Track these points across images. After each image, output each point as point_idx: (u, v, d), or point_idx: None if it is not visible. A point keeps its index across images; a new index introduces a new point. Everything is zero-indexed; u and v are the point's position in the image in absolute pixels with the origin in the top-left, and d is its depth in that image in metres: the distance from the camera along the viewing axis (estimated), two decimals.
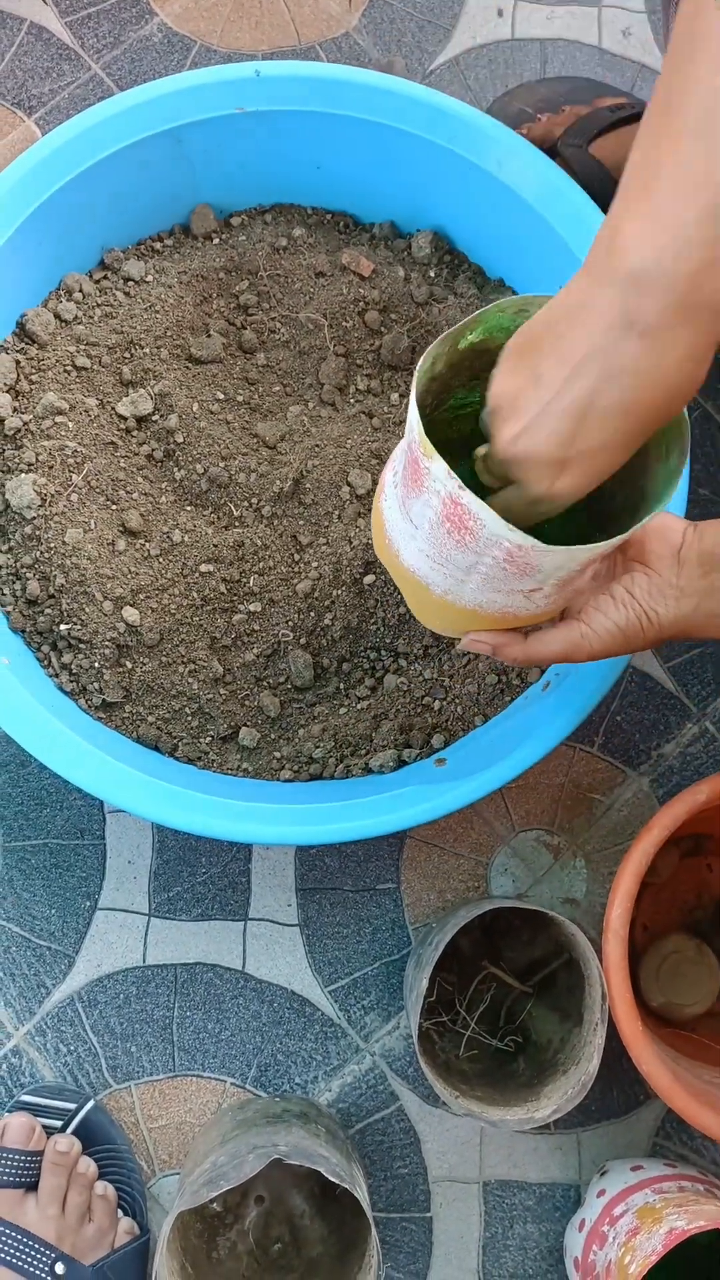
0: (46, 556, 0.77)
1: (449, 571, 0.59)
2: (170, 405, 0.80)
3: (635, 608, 0.60)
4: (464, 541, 0.56)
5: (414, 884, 0.86)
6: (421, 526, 0.58)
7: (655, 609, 0.60)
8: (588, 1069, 0.71)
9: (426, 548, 0.59)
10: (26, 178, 0.78)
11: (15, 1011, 0.84)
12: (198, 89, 0.78)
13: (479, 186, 0.79)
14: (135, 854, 0.86)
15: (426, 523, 0.57)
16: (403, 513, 0.59)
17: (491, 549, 0.55)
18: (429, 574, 0.60)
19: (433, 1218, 0.83)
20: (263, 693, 0.79)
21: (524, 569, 0.56)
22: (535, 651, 0.62)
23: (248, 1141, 0.70)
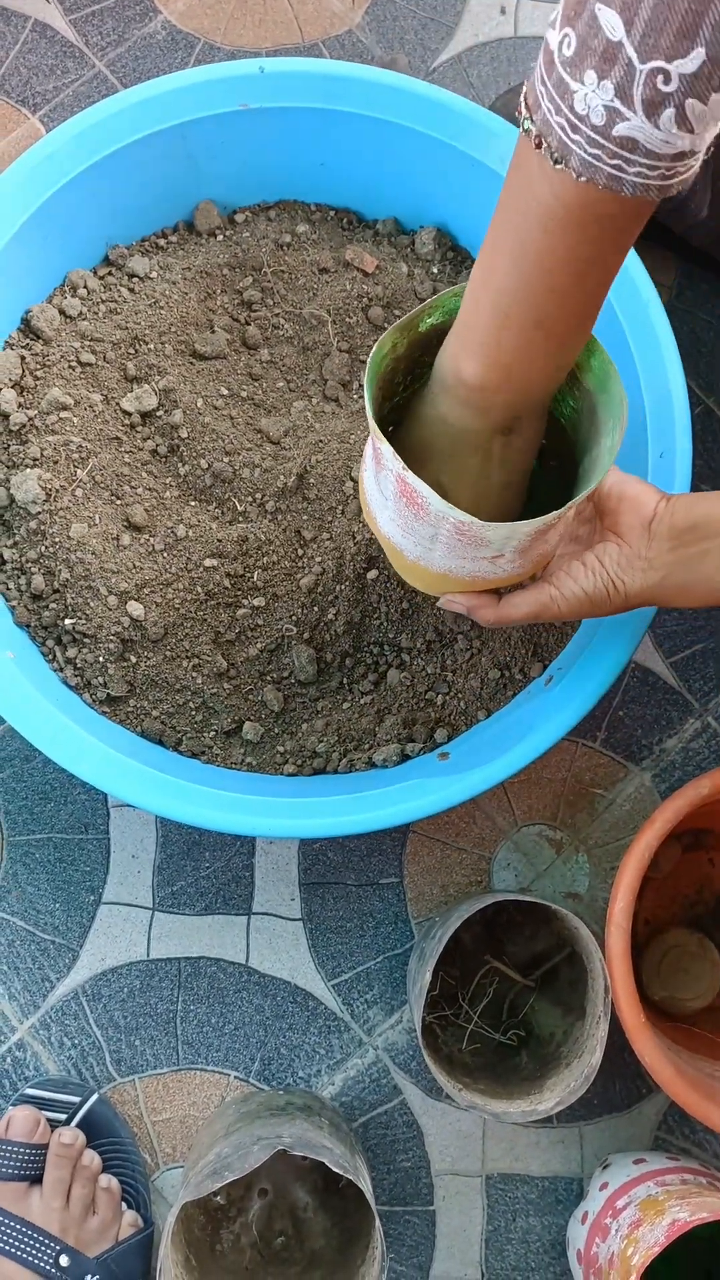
0: (51, 551, 0.77)
1: (417, 540, 0.62)
2: (174, 401, 0.80)
3: (604, 575, 0.63)
4: (419, 515, 0.59)
5: (416, 878, 0.87)
6: (389, 498, 0.61)
7: (623, 578, 0.62)
8: (590, 1061, 0.71)
9: (395, 517, 0.62)
10: (31, 174, 0.78)
11: (20, 1005, 0.84)
12: (202, 86, 0.79)
13: (482, 183, 0.80)
14: (139, 848, 0.86)
15: (391, 495, 0.60)
16: (376, 484, 0.63)
17: (442, 522, 0.58)
18: (401, 540, 0.63)
19: (435, 1211, 0.83)
20: (266, 687, 0.79)
21: (475, 541, 0.59)
22: (506, 613, 0.65)
23: (252, 1133, 0.71)
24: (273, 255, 0.85)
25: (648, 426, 0.76)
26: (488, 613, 0.65)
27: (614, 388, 0.60)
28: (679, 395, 0.76)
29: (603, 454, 0.60)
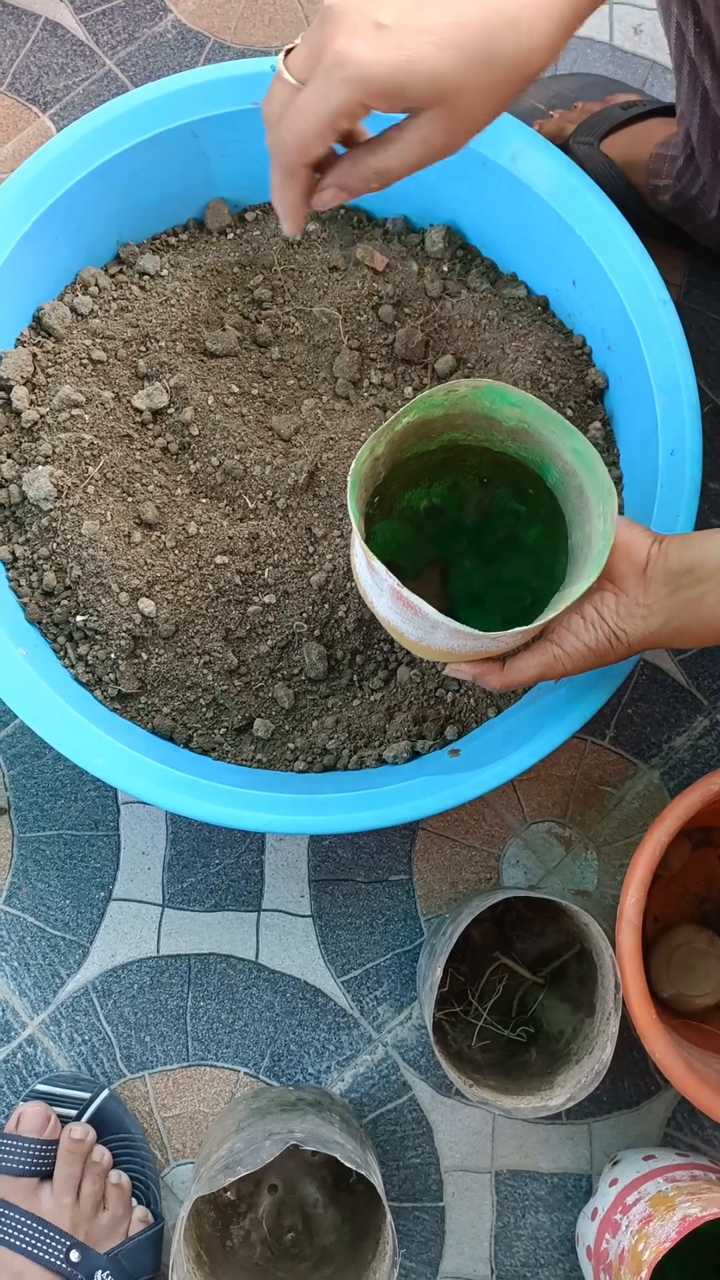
0: (63, 548, 0.77)
1: (416, 627, 0.62)
2: (185, 398, 0.81)
3: (605, 628, 0.62)
4: (415, 619, 0.61)
5: (426, 875, 0.87)
6: (384, 593, 0.62)
7: (624, 628, 0.62)
8: (601, 1058, 0.71)
9: (392, 609, 0.63)
10: (43, 173, 0.78)
11: (30, 1001, 0.84)
12: (213, 84, 0.79)
13: (492, 181, 0.80)
14: (149, 845, 0.86)
15: (386, 594, 0.61)
16: (370, 578, 0.63)
17: (440, 626, 0.59)
18: (400, 625, 0.64)
19: (445, 1207, 0.83)
20: (277, 684, 0.80)
21: (471, 638, 0.60)
22: (512, 678, 0.65)
23: (263, 1128, 0.71)
24: (282, 254, 0.85)
25: (658, 425, 0.76)
26: (494, 679, 0.66)
27: (599, 475, 0.61)
28: (689, 393, 0.76)
29: (596, 539, 0.61)
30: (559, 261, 0.81)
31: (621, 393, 0.81)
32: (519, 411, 0.63)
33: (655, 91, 0.99)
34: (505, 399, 0.63)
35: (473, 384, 0.61)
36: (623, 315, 0.78)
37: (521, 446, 0.67)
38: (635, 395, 0.79)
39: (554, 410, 0.61)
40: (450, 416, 0.66)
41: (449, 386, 0.62)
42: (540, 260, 0.83)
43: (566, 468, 0.64)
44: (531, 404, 0.62)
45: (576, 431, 0.61)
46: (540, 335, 0.82)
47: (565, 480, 0.65)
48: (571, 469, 0.64)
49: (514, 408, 0.63)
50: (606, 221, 0.78)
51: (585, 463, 0.62)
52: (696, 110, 0.73)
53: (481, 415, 0.65)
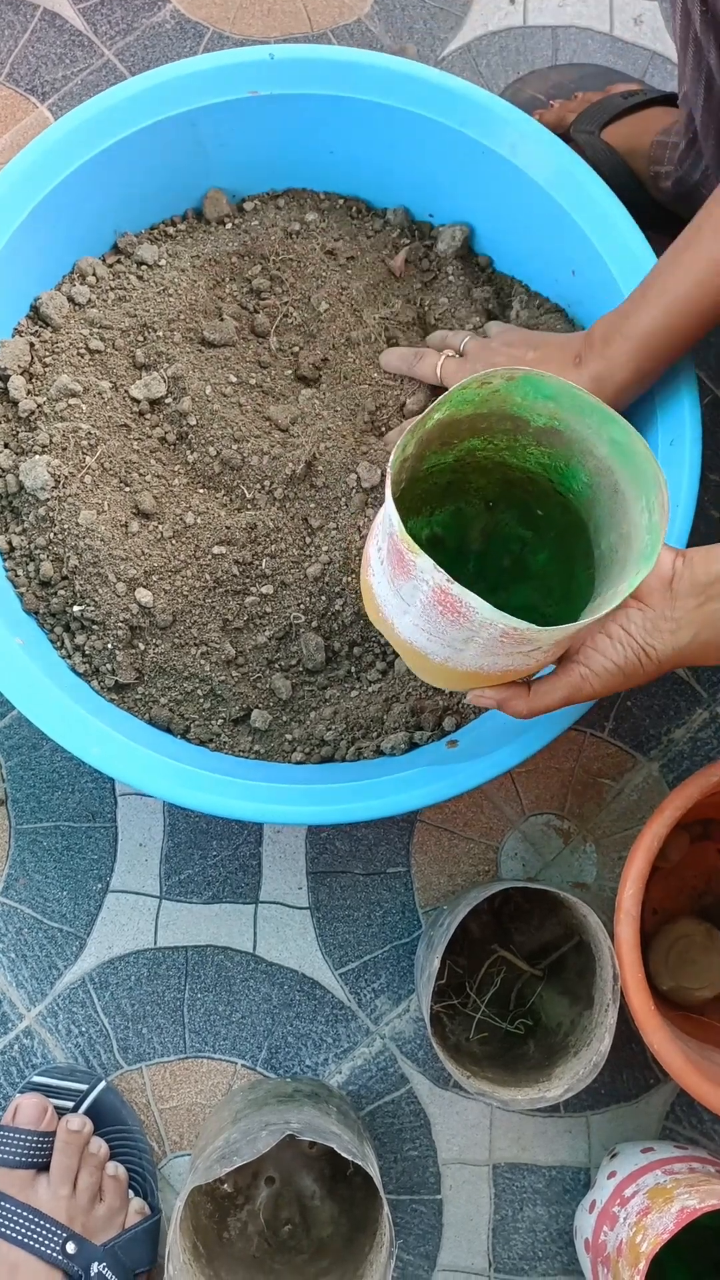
0: (60, 538, 0.77)
1: (446, 642, 0.59)
2: (183, 388, 0.80)
3: (633, 645, 0.61)
4: (458, 622, 0.56)
5: (424, 868, 0.87)
6: (414, 605, 0.58)
7: (652, 644, 0.60)
8: (599, 1049, 0.71)
9: (421, 623, 0.59)
10: (40, 161, 0.78)
11: (27, 993, 0.84)
12: (212, 72, 0.79)
13: (492, 170, 0.79)
14: (146, 837, 0.86)
15: (419, 603, 0.58)
16: (393, 590, 0.60)
17: (486, 628, 0.56)
18: (426, 644, 0.61)
19: (443, 1200, 0.83)
20: (274, 675, 0.79)
21: (520, 641, 0.57)
22: (539, 703, 0.63)
23: (260, 1119, 0.71)
24: (281, 243, 0.85)
25: (657, 415, 0.76)
26: (519, 704, 0.63)
27: (643, 461, 0.57)
28: (688, 384, 0.76)
29: (640, 533, 0.57)
30: (558, 251, 0.81)
31: None
32: (553, 406, 0.60)
33: (655, 82, 0.98)
34: (541, 389, 0.59)
35: (508, 373, 0.58)
36: None
37: (546, 452, 0.64)
38: None
39: (592, 398, 0.58)
40: (477, 417, 0.62)
41: (483, 377, 0.58)
42: (539, 249, 0.82)
43: (599, 466, 0.61)
44: (569, 394, 0.59)
45: (619, 419, 0.57)
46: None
47: (597, 481, 0.62)
48: (605, 467, 0.61)
49: (548, 401, 0.60)
50: (607, 210, 0.78)
51: (625, 454, 0.59)
52: (700, 91, 0.72)
53: (509, 414, 0.62)
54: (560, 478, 0.65)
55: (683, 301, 0.68)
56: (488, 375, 0.58)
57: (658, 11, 1.00)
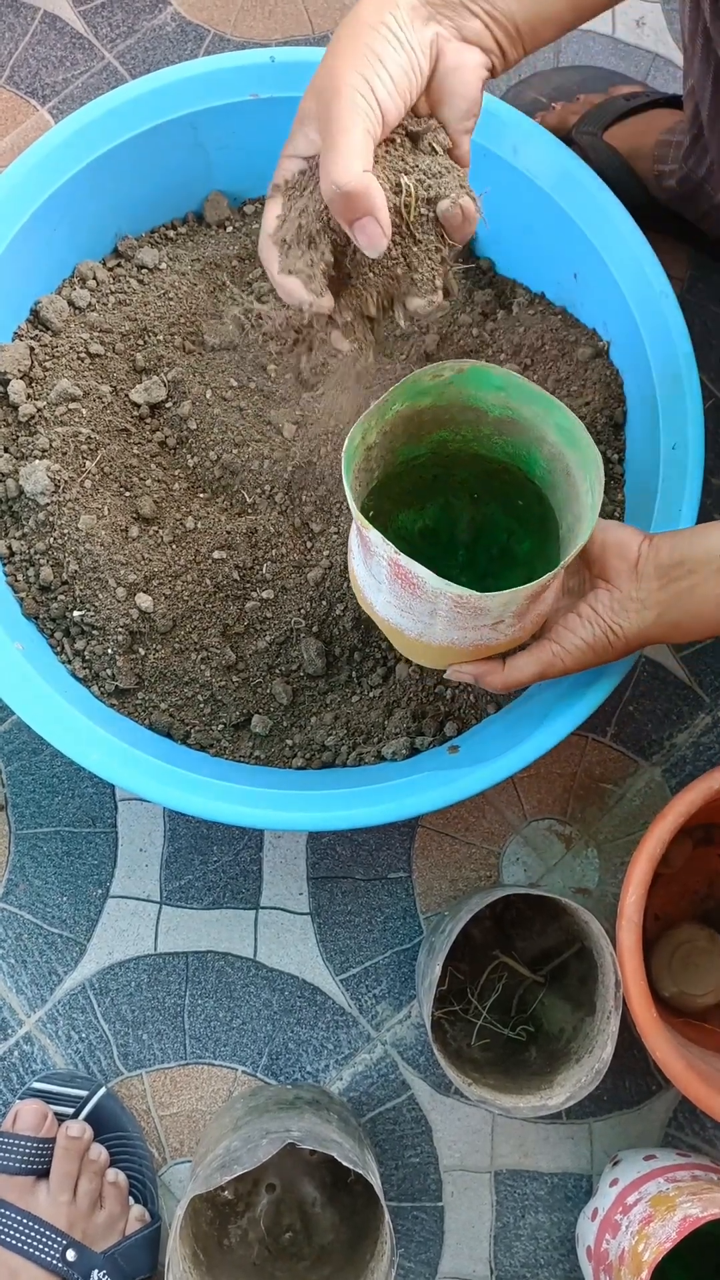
0: (60, 543, 0.77)
1: (416, 617, 0.62)
2: (183, 392, 0.80)
3: (600, 624, 0.64)
4: (415, 593, 0.59)
5: (425, 873, 0.86)
6: (382, 581, 0.61)
7: (619, 623, 0.64)
8: (601, 1056, 0.71)
9: (391, 598, 0.62)
10: (40, 165, 0.78)
11: (27, 999, 0.84)
12: (212, 75, 0.78)
13: (493, 173, 0.79)
14: (147, 842, 0.86)
15: (385, 579, 0.61)
16: (366, 570, 0.63)
17: (439, 598, 0.59)
18: (399, 620, 0.64)
19: (444, 1207, 0.83)
20: (275, 680, 0.79)
21: (475, 611, 0.60)
22: (513, 676, 0.66)
23: (261, 1127, 0.70)
24: None
25: (660, 419, 0.76)
26: (495, 679, 0.66)
27: (584, 446, 0.61)
28: (691, 388, 0.76)
29: (585, 510, 0.61)
30: (560, 254, 0.80)
31: (624, 387, 0.80)
32: (503, 396, 0.63)
33: (657, 84, 0.98)
34: (489, 380, 0.63)
35: (457, 365, 0.62)
36: (624, 308, 0.77)
37: (508, 441, 0.67)
38: (638, 390, 0.79)
39: (535, 386, 0.61)
40: (438, 409, 0.66)
41: (435, 369, 0.61)
42: (540, 252, 0.82)
43: (552, 451, 0.64)
44: (515, 382, 0.62)
45: (561, 406, 0.61)
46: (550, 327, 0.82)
47: (552, 466, 0.65)
48: (557, 452, 0.64)
49: (498, 391, 0.63)
50: (609, 213, 0.77)
51: (570, 438, 0.62)
52: (709, 84, 0.72)
53: (467, 405, 0.65)
54: (526, 465, 0.68)
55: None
56: (439, 367, 0.61)
57: (660, 14, 1.00)
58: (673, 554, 0.63)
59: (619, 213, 0.78)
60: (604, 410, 0.81)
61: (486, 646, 0.65)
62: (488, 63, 0.58)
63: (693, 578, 0.62)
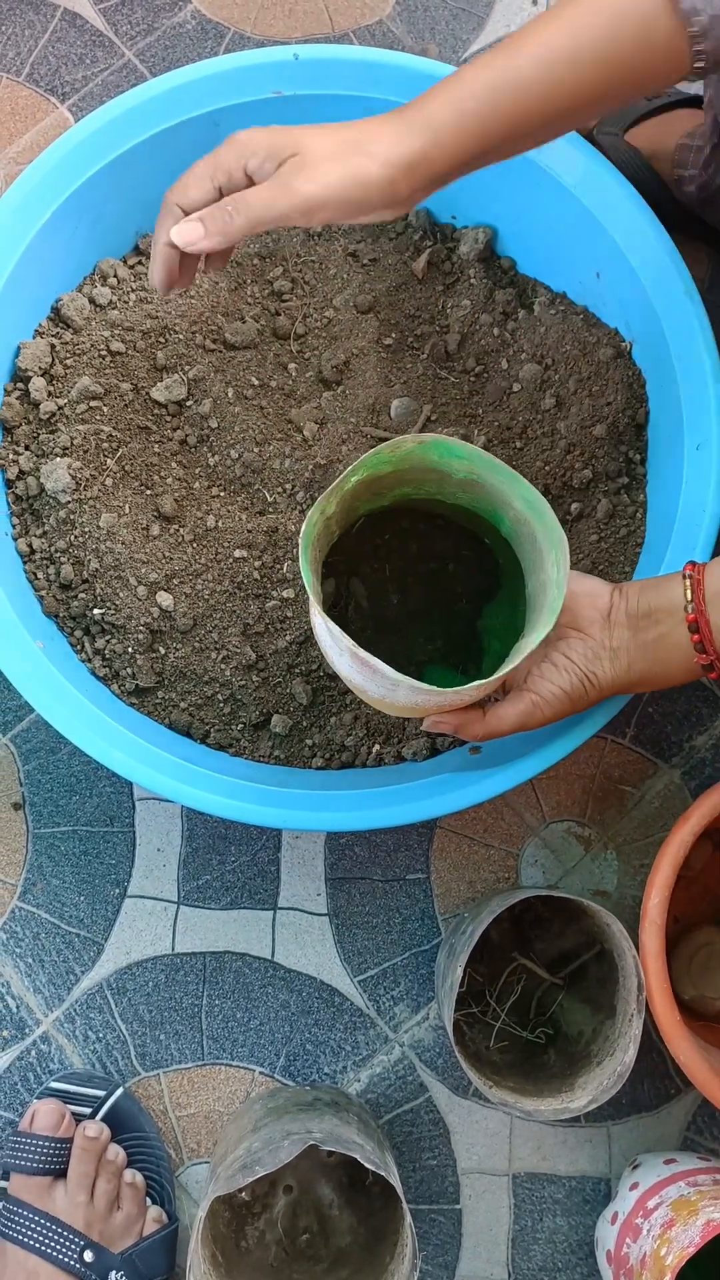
0: (80, 541, 0.76)
1: (378, 684, 0.62)
2: (204, 391, 0.80)
3: (576, 672, 0.65)
4: (376, 678, 0.60)
5: (444, 874, 0.86)
6: (344, 653, 0.62)
7: (593, 670, 0.65)
8: (624, 1060, 0.70)
9: (353, 667, 0.63)
10: (61, 163, 0.77)
11: (45, 998, 0.83)
12: (235, 72, 0.78)
13: (516, 172, 0.79)
14: (164, 842, 0.86)
15: (345, 654, 0.61)
16: (329, 637, 0.63)
17: (400, 685, 0.60)
18: (362, 684, 0.64)
19: (462, 1210, 0.82)
20: (295, 680, 0.79)
21: (433, 694, 0.61)
22: (493, 726, 0.66)
23: (281, 1128, 0.70)
24: (303, 245, 0.84)
25: (684, 420, 0.76)
26: (475, 729, 0.66)
27: (549, 521, 0.62)
28: (716, 387, 0.75)
29: (550, 587, 0.62)
30: (583, 252, 0.80)
31: (647, 387, 0.80)
32: (468, 464, 0.64)
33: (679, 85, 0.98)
34: (452, 452, 0.63)
35: (418, 439, 0.63)
36: (648, 307, 0.77)
37: (473, 498, 0.68)
38: (661, 390, 0.78)
39: (499, 461, 0.62)
40: (400, 472, 0.67)
41: (395, 443, 0.62)
42: (562, 251, 0.82)
43: (518, 517, 0.65)
44: (479, 456, 0.63)
45: (524, 481, 0.62)
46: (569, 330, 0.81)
47: (518, 530, 0.66)
48: (523, 518, 0.65)
49: (462, 461, 0.64)
50: (633, 213, 0.77)
51: (535, 511, 0.63)
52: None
53: (431, 469, 0.66)
54: (491, 519, 0.69)
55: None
56: (397, 442, 0.62)
57: None
58: (640, 604, 0.64)
59: (642, 211, 0.77)
60: (626, 410, 0.80)
61: (451, 704, 0.65)
62: None
63: (659, 627, 0.64)
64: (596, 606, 0.65)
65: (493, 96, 0.58)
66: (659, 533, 0.77)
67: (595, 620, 0.65)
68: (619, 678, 0.65)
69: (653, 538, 0.78)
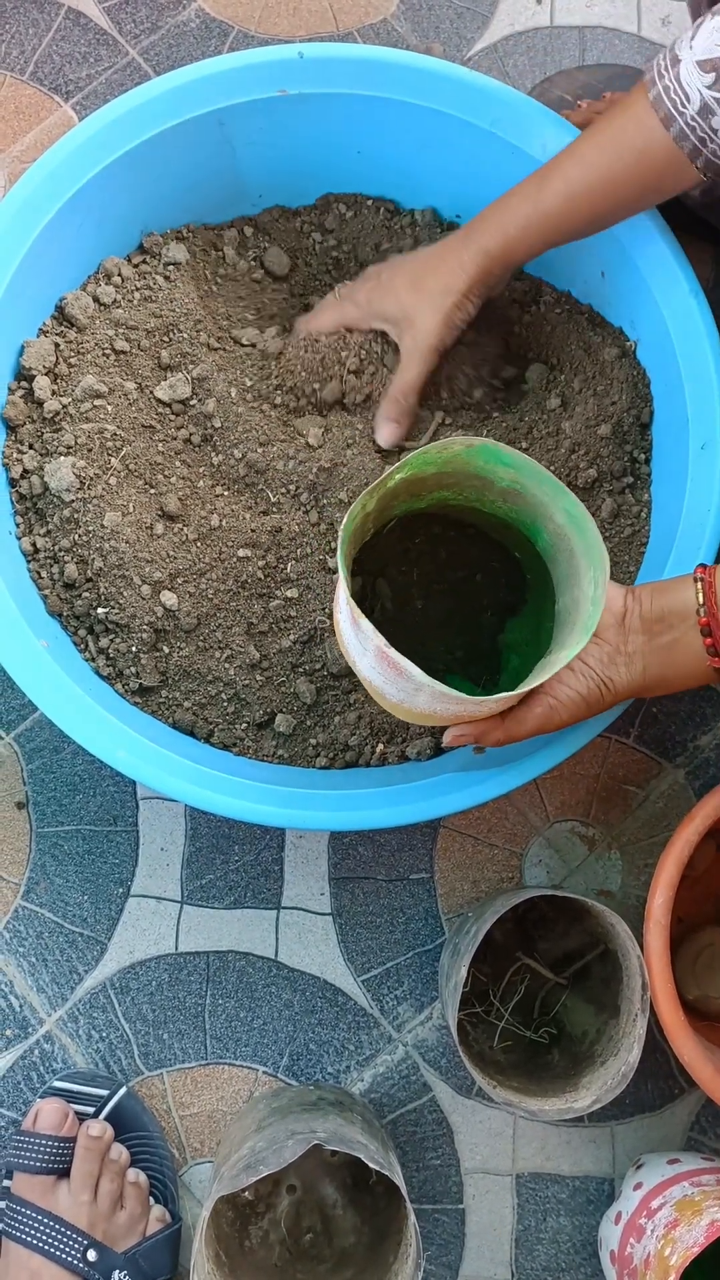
0: (85, 540, 0.76)
1: (400, 689, 0.62)
2: (208, 389, 0.80)
3: (593, 677, 0.65)
4: (399, 680, 0.60)
5: (447, 874, 0.86)
6: (368, 652, 0.61)
7: (609, 675, 0.65)
8: (628, 1059, 0.70)
9: (376, 670, 0.62)
10: (66, 161, 0.77)
11: (48, 997, 0.83)
12: (240, 71, 0.78)
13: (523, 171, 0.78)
14: (168, 841, 0.86)
15: (370, 653, 0.61)
16: (354, 635, 0.63)
17: (423, 689, 0.59)
18: (383, 686, 0.64)
19: (465, 1210, 0.82)
20: (299, 679, 0.79)
21: (456, 701, 0.60)
22: (513, 731, 0.66)
23: (286, 1128, 0.70)
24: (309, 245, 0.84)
25: (689, 419, 0.75)
26: (497, 735, 0.67)
27: (591, 536, 0.61)
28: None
29: (585, 603, 0.61)
30: (588, 252, 0.80)
31: (651, 387, 0.80)
32: (513, 472, 0.63)
33: None
34: (499, 458, 0.63)
35: (467, 442, 0.62)
36: (653, 307, 0.77)
37: (513, 508, 0.68)
38: (665, 389, 0.78)
39: (547, 471, 0.62)
40: (442, 475, 0.66)
41: (444, 444, 0.62)
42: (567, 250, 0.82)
43: (558, 531, 0.65)
44: (526, 464, 0.62)
45: (569, 493, 0.62)
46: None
47: (555, 544, 0.66)
48: (563, 532, 0.64)
49: (508, 468, 0.63)
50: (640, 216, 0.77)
51: (578, 525, 0.62)
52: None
53: (474, 474, 0.66)
54: (530, 532, 0.69)
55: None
56: (447, 443, 0.62)
57: (685, 12, 0.99)
58: (654, 608, 0.65)
59: (648, 211, 0.77)
60: (631, 409, 0.80)
61: (469, 716, 0.65)
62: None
63: (673, 632, 0.64)
64: (612, 611, 0.66)
65: (528, 224, 0.73)
66: (663, 532, 0.77)
67: (610, 625, 0.65)
68: (634, 682, 0.65)
69: (657, 537, 0.78)
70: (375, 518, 0.67)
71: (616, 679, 0.65)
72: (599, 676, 0.65)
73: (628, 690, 0.66)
